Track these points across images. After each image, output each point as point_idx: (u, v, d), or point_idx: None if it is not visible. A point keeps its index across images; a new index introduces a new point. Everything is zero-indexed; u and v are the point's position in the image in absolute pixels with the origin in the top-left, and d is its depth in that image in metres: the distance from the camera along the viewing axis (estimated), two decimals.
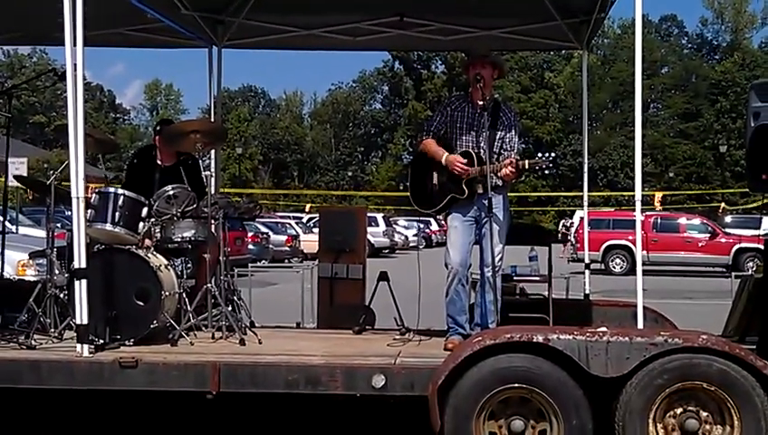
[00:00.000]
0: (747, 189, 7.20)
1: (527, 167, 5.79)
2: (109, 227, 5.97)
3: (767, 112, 5.63)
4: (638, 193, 5.50)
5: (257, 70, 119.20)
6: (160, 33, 8.31)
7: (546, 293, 7.01)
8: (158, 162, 6.95)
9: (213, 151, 8.02)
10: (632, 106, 5.38)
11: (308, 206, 47.83)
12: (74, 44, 5.16)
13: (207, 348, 5.63)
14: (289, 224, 32.34)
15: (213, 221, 6.42)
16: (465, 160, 5.80)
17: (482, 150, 5.78)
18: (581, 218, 23.31)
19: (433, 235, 42.70)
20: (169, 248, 6.34)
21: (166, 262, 6.10)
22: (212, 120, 8.31)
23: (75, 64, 5.25)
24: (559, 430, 4.66)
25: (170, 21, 7.72)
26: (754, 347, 5.28)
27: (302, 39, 8.65)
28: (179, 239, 6.33)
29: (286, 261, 27.47)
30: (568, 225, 38.25)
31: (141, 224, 6.17)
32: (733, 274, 12.12)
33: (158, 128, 7.24)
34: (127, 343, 5.58)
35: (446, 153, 5.87)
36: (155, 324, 5.74)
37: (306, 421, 6.25)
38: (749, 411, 4.56)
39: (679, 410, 4.67)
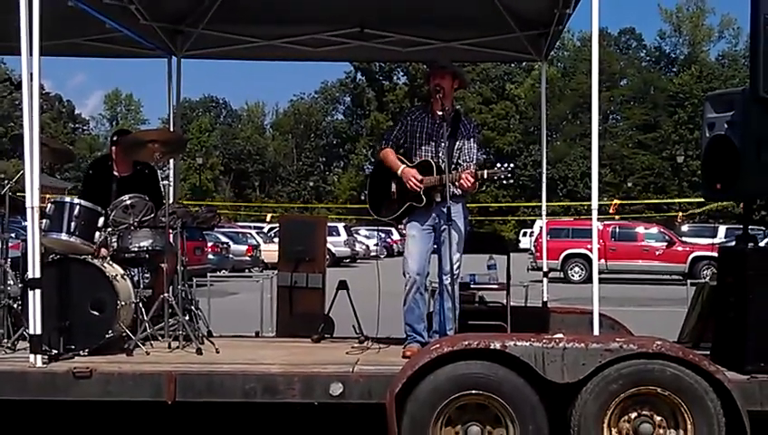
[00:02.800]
0: (703, 199, 7.31)
1: (486, 177, 5.84)
2: (64, 236, 5.91)
3: (722, 123, 5.72)
4: (594, 202, 5.55)
5: (219, 80, 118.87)
6: (119, 44, 8.24)
7: (504, 301, 7.05)
8: (115, 172, 6.90)
9: (172, 161, 7.97)
10: (591, 117, 5.43)
11: (269, 216, 47.64)
12: (30, 54, 5.11)
13: (164, 358, 5.57)
14: (250, 234, 32.19)
15: (171, 231, 6.37)
16: (420, 178, 5.83)
17: (441, 160, 5.82)
18: (541, 228, 23.52)
19: (394, 244, 42.69)
20: (126, 258, 6.29)
21: (122, 271, 6.04)
22: (171, 129, 8.25)
23: (31, 74, 5.19)
24: None
25: (129, 31, 7.66)
26: (708, 353, 5.36)
27: (263, 49, 8.63)
28: (136, 249, 6.29)
29: (247, 271, 27.33)
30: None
31: (97, 233, 6.12)
32: (689, 281, 12.28)
33: (114, 138, 7.19)
34: (81, 353, 5.50)
35: (403, 165, 5.91)
36: (110, 334, 5.68)
37: (267, 429, 6.22)
38: (702, 416, 4.62)
39: (634, 415, 4.72)
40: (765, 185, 5.67)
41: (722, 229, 33.25)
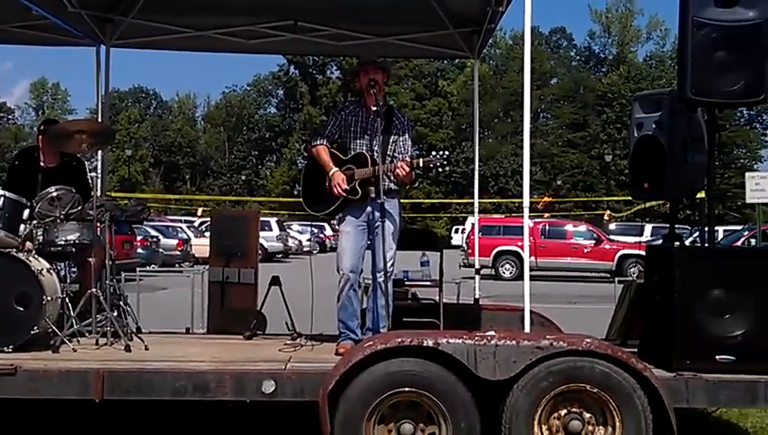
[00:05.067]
0: (630, 197, 7.44)
1: (422, 165, 5.84)
2: None
3: (649, 123, 5.82)
4: (525, 200, 5.60)
5: (149, 71, 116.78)
6: (47, 31, 8.04)
7: (437, 297, 7.09)
8: (41, 163, 6.75)
9: (100, 153, 7.81)
10: (522, 115, 5.47)
11: (200, 210, 47.07)
12: None
13: (91, 355, 5.45)
14: (180, 228, 31.78)
15: (98, 224, 6.23)
16: (346, 187, 5.83)
17: (375, 154, 5.81)
18: (473, 225, 23.73)
19: (327, 240, 42.72)
20: (52, 252, 6.12)
21: (48, 266, 5.89)
22: (99, 120, 8.08)
23: None
24: (447, 433, 4.69)
25: (57, 18, 7.47)
26: (636, 350, 5.45)
27: (194, 40, 8.50)
28: (63, 242, 6.13)
29: (177, 265, 26.95)
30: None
31: (22, 226, 5.97)
32: (616, 279, 12.49)
33: (41, 128, 7.03)
34: (6, 349, 5.35)
35: (334, 168, 5.90)
36: (35, 331, 5.52)
37: (199, 426, 6.14)
38: (630, 413, 4.70)
39: (563, 412, 4.77)
40: (691, 184, 5.82)
41: (648, 228, 34.02)
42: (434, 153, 5.86)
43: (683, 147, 5.62)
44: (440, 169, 5.90)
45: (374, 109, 5.88)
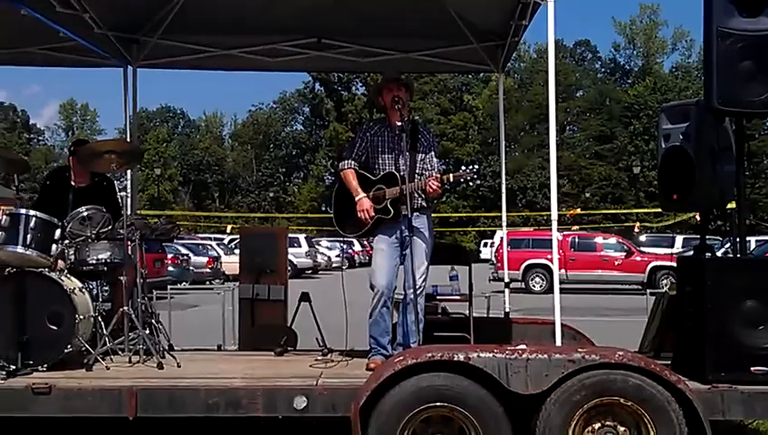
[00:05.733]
0: (660, 209, 7.39)
1: (452, 180, 5.84)
2: (20, 249, 5.77)
3: (677, 134, 5.80)
4: (554, 213, 5.58)
5: (176, 90, 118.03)
6: (74, 53, 8.16)
7: (467, 311, 7.07)
8: (72, 183, 6.84)
9: (129, 172, 7.89)
10: (548, 128, 5.46)
11: (229, 227, 47.31)
12: None
13: (124, 372, 5.50)
14: (210, 245, 31.90)
15: (129, 243, 6.29)
16: (373, 214, 5.85)
17: (404, 171, 5.82)
18: (501, 238, 23.64)
19: (356, 255, 42.71)
20: (84, 271, 6.18)
21: (80, 284, 5.95)
22: (128, 140, 8.17)
23: None
24: None
25: (84, 40, 7.58)
26: (669, 363, 5.41)
27: (220, 59, 8.58)
28: (94, 261, 6.19)
29: (207, 283, 27.08)
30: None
31: (54, 246, 5.99)
32: (648, 291, 12.39)
33: (72, 148, 7.12)
34: (40, 368, 5.41)
35: (361, 194, 5.91)
36: (69, 349, 5.58)
37: None
38: (664, 425, 4.66)
39: (597, 426, 4.74)
40: (721, 195, 5.76)
41: (679, 239, 33.69)
42: (463, 168, 5.84)
43: (711, 157, 5.58)
44: (470, 184, 5.90)
45: (399, 125, 5.89)
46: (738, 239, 5.71)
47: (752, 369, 5.00)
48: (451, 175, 5.83)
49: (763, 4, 5.14)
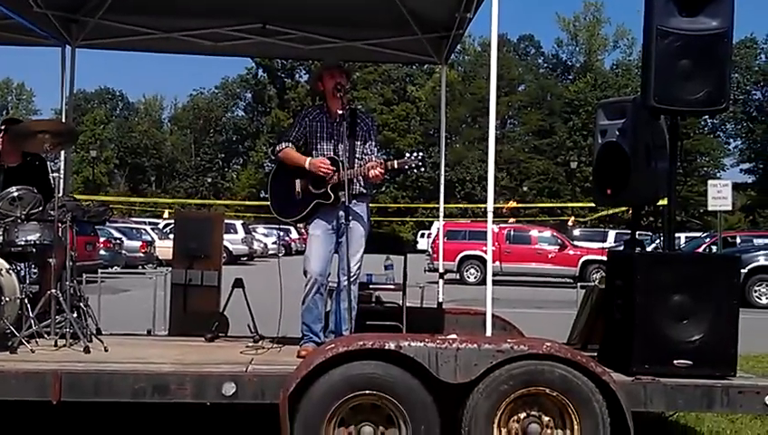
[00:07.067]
0: (594, 204, 7.52)
1: (396, 166, 5.84)
2: None
3: (613, 130, 5.89)
4: (490, 205, 5.61)
5: (115, 72, 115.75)
6: (11, 31, 7.97)
7: (401, 301, 7.10)
8: (2, 163, 6.66)
9: (63, 153, 7.74)
10: (489, 121, 5.50)
11: (166, 212, 46.72)
12: None
13: (49, 356, 5.38)
14: (144, 229, 31.52)
15: (60, 224, 6.17)
16: (329, 164, 5.81)
17: (344, 158, 5.81)
18: (438, 229, 23.80)
19: (293, 242, 42.59)
20: (12, 252, 6.04)
21: (7, 266, 5.81)
22: (63, 120, 8.00)
23: None
24: None
25: (22, 18, 7.41)
26: (595, 354, 5.51)
27: (162, 42, 8.45)
28: (23, 243, 6.05)
29: (140, 267, 26.71)
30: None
31: None
32: (579, 284, 12.58)
33: (3, 126, 6.93)
34: None
35: (309, 158, 5.86)
36: None
37: (159, 428, 6.09)
38: (588, 416, 4.73)
39: (523, 415, 4.80)
40: (654, 191, 5.88)
41: (612, 234, 34.33)
42: (408, 154, 5.86)
43: (646, 154, 5.68)
44: (415, 171, 5.90)
45: (339, 113, 5.86)
46: (668, 235, 5.84)
47: (675, 362, 5.12)
48: (396, 162, 5.83)
49: (703, 4, 5.24)
